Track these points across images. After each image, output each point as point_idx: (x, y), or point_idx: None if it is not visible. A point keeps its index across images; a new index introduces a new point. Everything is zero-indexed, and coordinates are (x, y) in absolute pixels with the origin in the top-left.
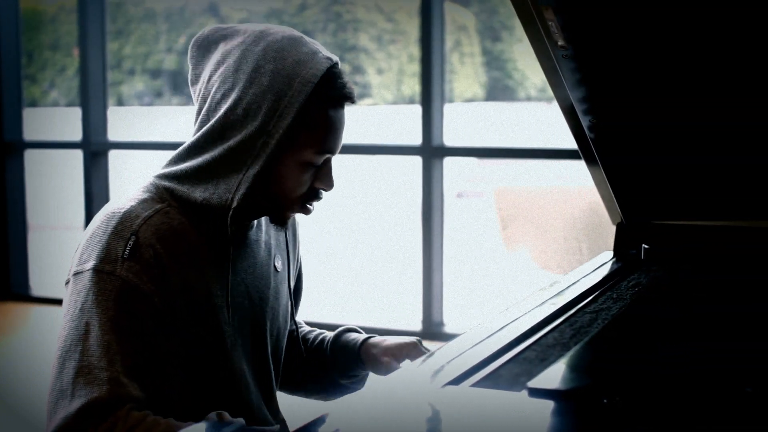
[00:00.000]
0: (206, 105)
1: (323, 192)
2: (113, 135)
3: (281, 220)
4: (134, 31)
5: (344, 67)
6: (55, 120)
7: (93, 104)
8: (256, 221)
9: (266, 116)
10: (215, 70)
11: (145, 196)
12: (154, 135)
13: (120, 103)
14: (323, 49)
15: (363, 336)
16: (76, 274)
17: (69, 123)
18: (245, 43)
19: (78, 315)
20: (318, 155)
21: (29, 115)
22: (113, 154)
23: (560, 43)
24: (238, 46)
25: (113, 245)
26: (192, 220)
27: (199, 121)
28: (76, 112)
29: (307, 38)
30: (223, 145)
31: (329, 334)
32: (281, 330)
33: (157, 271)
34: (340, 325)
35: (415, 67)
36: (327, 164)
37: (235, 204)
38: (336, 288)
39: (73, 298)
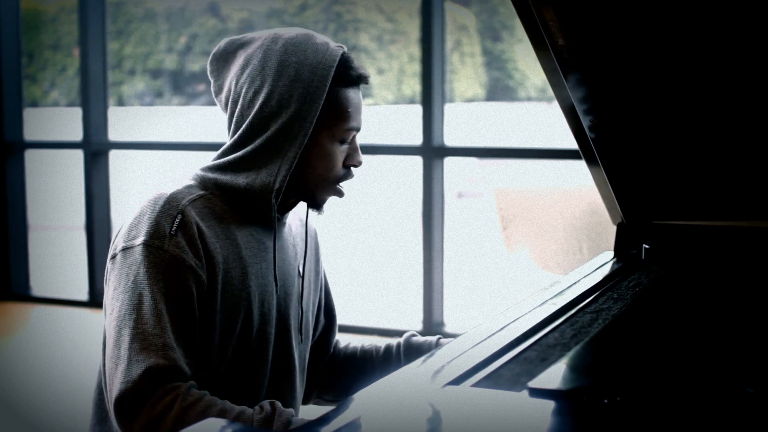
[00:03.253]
0: (238, 106)
1: (353, 170)
2: (114, 135)
3: (318, 204)
4: (135, 31)
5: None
6: (56, 120)
7: (93, 104)
8: (288, 221)
9: (299, 103)
10: (241, 75)
11: (190, 182)
12: (155, 135)
13: (120, 103)
14: (331, 41)
15: (435, 338)
16: (125, 249)
17: (69, 123)
18: (264, 45)
19: (131, 286)
20: (347, 132)
21: (30, 115)
22: (114, 154)
23: (561, 43)
24: (258, 48)
25: (161, 222)
26: (234, 208)
27: (234, 122)
28: (77, 112)
29: (315, 33)
30: (262, 136)
31: (394, 343)
32: (297, 332)
33: (200, 246)
34: (341, 325)
35: (416, 67)
36: (353, 142)
37: (277, 186)
38: (336, 288)
39: (124, 271)
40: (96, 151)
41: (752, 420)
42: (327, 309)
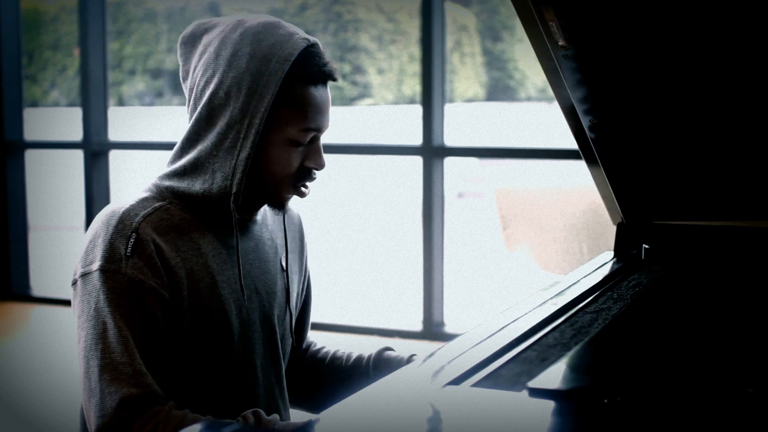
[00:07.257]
0: (193, 95)
1: (315, 172)
2: (114, 135)
3: (278, 204)
4: (135, 31)
5: (335, 54)
6: (56, 120)
7: (93, 104)
8: (260, 217)
9: (247, 96)
10: (198, 61)
11: (146, 195)
12: (155, 135)
13: (121, 103)
14: (301, 32)
15: (407, 355)
16: (84, 275)
17: (69, 123)
18: (224, 32)
19: (93, 315)
20: (303, 133)
21: (30, 115)
22: (114, 154)
23: (561, 43)
24: (217, 35)
25: (116, 244)
26: (195, 215)
27: (188, 112)
28: (77, 112)
29: (284, 23)
30: (212, 133)
31: (366, 354)
32: (287, 330)
33: (160, 264)
34: (341, 325)
35: (416, 67)
36: (315, 143)
37: (234, 189)
38: (336, 288)
39: (85, 298)
40: (96, 151)
41: (752, 420)
42: (304, 300)
